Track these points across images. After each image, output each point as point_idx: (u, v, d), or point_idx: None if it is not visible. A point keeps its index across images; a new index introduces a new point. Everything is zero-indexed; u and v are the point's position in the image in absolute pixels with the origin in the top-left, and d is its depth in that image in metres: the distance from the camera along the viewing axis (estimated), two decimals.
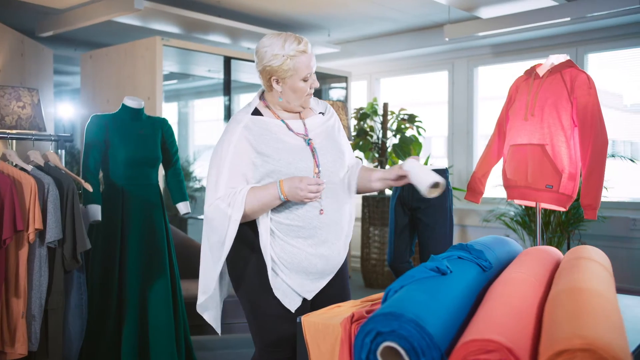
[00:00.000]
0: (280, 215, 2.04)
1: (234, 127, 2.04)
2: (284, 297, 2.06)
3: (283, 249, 2.04)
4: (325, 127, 2.16)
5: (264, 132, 2.03)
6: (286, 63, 2.00)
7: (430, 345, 1.20)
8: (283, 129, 2.07)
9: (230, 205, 1.95)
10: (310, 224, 2.04)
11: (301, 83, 2.04)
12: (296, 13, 5.41)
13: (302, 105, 2.11)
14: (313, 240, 2.05)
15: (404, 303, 1.30)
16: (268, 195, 1.97)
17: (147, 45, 4.95)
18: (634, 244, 4.98)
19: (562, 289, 1.50)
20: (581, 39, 5.30)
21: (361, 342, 1.26)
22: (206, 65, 6.26)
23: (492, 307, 1.36)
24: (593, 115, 2.83)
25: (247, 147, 2.01)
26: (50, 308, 2.71)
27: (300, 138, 2.07)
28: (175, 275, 3.26)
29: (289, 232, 2.04)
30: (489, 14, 4.93)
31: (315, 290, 2.10)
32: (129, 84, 5.08)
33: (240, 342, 4.21)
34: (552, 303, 1.41)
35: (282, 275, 2.04)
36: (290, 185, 1.95)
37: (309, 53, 2.02)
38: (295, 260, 2.04)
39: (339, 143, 2.16)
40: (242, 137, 2.01)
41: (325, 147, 2.09)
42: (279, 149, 2.01)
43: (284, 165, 2.00)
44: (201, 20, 5.05)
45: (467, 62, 6.10)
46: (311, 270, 2.06)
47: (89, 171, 3.03)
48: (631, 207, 5.13)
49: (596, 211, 2.84)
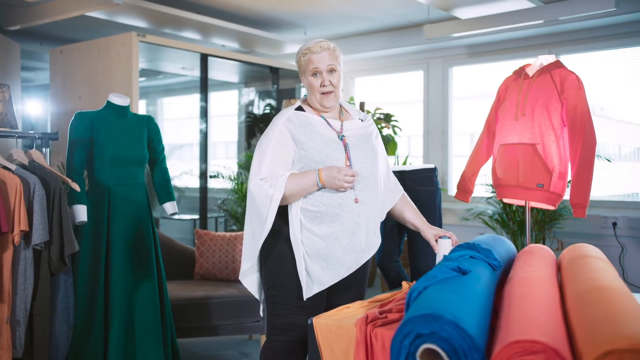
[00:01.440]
0: (309, 202, 2.16)
1: (278, 119, 2.25)
2: (304, 284, 2.14)
3: (306, 237, 2.15)
4: (362, 131, 2.32)
5: (303, 124, 2.23)
6: (301, 60, 2.28)
7: (471, 347, 1.18)
8: (322, 123, 2.25)
9: (272, 186, 2.12)
10: (334, 211, 2.15)
11: (311, 78, 2.25)
12: (273, 10, 5.36)
13: (320, 103, 2.26)
14: (334, 228, 2.15)
15: (439, 304, 1.28)
16: (307, 180, 2.13)
17: (122, 41, 4.82)
18: (605, 241, 5.10)
19: (585, 288, 1.50)
20: (554, 41, 5.41)
21: (399, 344, 1.24)
22: (179, 63, 6.15)
23: (524, 307, 1.36)
24: (582, 116, 2.88)
25: (288, 135, 2.20)
26: (36, 313, 2.61)
27: (335, 133, 2.24)
28: (162, 277, 3.18)
29: (313, 220, 2.16)
30: (466, 14, 4.97)
31: (332, 281, 2.16)
32: (103, 81, 4.95)
33: (226, 344, 4.15)
34: (579, 303, 1.41)
35: (305, 261, 2.15)
36: (328, 174, 2.12)
37: (317, 53, 2.24)
38: (316, 247, 2.14)
39: (374, 146, 2.31)
40: (283, 127, 2.21)
41: (358, 145, 2.25)
42: (314, 139, 2.19)
43: (316, 153, 2.17)
44: (176, 16, 4.95)
45: (442, 62, 6.15)
46: (331, 258, 2.15)
47: (74, 170, 2.92)
48: (603, 205, 5.25)
49: (585, 210, 2.89)
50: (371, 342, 1.73)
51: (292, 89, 6.80)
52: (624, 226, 5.06)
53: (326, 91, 2.24)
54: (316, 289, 2.15)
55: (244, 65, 6.26)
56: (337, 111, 2.34)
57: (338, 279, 2.17)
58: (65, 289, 2.70)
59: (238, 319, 3.60)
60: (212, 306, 3.54)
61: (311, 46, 2.24)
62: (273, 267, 2.21)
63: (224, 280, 3.93)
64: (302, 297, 2.15)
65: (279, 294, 2.19)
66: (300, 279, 2.13)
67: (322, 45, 2.24)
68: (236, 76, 6.97)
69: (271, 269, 2.22)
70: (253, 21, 5.71)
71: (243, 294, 3.62)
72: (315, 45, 2.24)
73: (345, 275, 2.18)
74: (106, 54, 4.93)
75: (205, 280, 3.97)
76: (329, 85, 2.24)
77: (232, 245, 3.93)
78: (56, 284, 2.68)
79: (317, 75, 2.24)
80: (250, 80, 7.00)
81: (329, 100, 2.26)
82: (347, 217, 2.16)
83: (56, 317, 2.68)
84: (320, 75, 2.23)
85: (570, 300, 1.50)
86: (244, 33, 5.58)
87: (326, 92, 2.24)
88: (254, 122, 6.68)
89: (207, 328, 3.57)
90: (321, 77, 2.23)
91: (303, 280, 2.13)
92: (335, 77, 2.25)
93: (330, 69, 2.24)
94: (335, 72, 2.26)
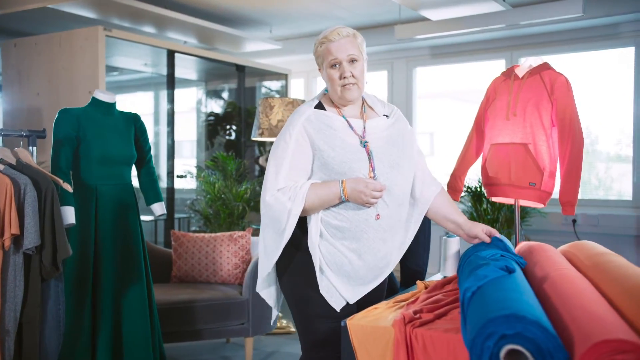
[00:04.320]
0: (331, 215, 2.00)
1: (297, 119, 2.04)
2: (330, 296, 2.00)
3: (328, 250, 2.00)
4: (388, 132, 2.09)
5: (324, 127, 2.02)
6: (318, 50, 2.06)
7: (557, 346, 1.19)
8: (344, 126, 2.04)
9: (291, 199, 1.94)
10: (359, 227, 1.98)
11: (330, 70, 2.03)
12: (238, 7, 5.26)
13: (341, 97, 2.04)
14: (359, 244, 1.99)
15: (514, 304, 1.28)
16: (329, 193, 1.95)
17: (86, 35, 4.62)
18: (565, 237, 5.29)
19: (630, 286, 1.53)
20: (517, 44, 5.56)
21: (481, 345, 1.23)
22: (141, 59, 5.95)
23: (588, 305, 1.37)
24: (572, 116, 2.96)
25: (307, 140, 2.01)
26: (26, 321, 2.46)
27: (357, 138, 2.03)
28: (150, 280, 3.06)
29: (336, 234, 2.00)
30: (434, 16, 5.03)
31: (357, 297, 2.03)
32: (65, 77, 4.72)
33: (205, 348, 4.04)
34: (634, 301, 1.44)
35: (328, 275, 2.00)
36: (354, 188, 1.93)
37: (335, 41, 2.01)
38: (338, 262, 2.00)
39: (402, 151, 2.09)
40: (302, 129, 2.01)
41: (383, 153, 2.03)
42: (335, 146, 1.99)
43: (337, 164, 1.97)
44: (130, 6, 4.71)
45: (406, 63, 6.22)
46: (353, 275, 2.01)
47: (60, 170, 2.77)
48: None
49: (574, 207, 2.97)
50: (411, 342, 1.71)
51: (253, 88, 6.71)
52: (583, 223, 5.26)
53: (347, 83, 2.01)
54: (343, 300, 2.01)
55: (205, 63, 6.12)
56: (359, 107, 2.12)
57: (358, 298, 2.03)
58: (56, 296, 2.55)
59: (223, 322, 3.51)
60: (196, 309, 3.44)
61: (328, 34, 2.02)
62: (295, 278, 2.05)
63: (204, 283, 3.83)
64: (331, 308, 2.00)
65: (309, 307, 2.02)
66: (322, 291, 1.98)
67: (341, 32, 2.01)
68: (196, 73, 6.81)
69: (294, 281, 2.05)
70: (216, 16, 5.58)
71: (228, 297, 3.54)
72: (332, 33, 2.01)
73: (365, 292, 2.05)
74: (68, 48, 4.71)
75: (184, 283, 3.85)
76: (350, 77, 2.00)
77: (211, 247, 3.83)
78: (46, 290, 2.52)
79: (336, 66, 2.02)
80: (211, 78, 6.86)
81: (352, 92, 2.02)
82: (372, 233, 1.99)
83: (46, 326, 2.53)
84: (340, 66, 2.01)
85: (617, 298, 1.52)
86: (203, 28, 5.38)
87: (347, 84, 2.01)
88: (216, 121, 6.56)
89: (191, 332, 3.46)
90: (341, 68, 2.00)
91: (328, 291, 1.99)
92: (357, 68, 2.02)
93: (351, 58, 2.01)
94: (357, 62, 2.02)
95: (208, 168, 5.48)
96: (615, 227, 5.14)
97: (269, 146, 6.37)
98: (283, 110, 4.25)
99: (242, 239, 3.84)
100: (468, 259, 1.91)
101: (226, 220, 4.90)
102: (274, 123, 4.24)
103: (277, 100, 4.26)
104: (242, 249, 3.82)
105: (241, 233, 3.86)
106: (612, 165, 5.61)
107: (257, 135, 4.31)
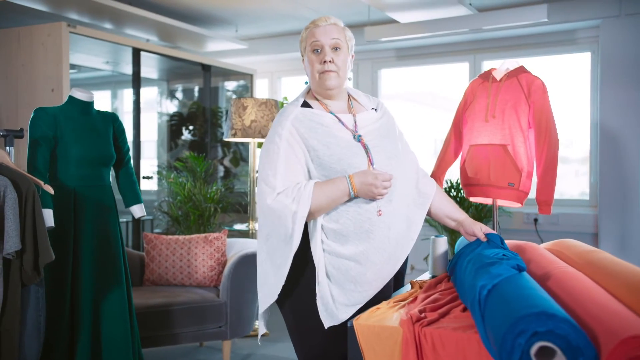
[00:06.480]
0: (331, 218, 1.89)
1: (284, 120, 1.93)
2: (324, 310, 1.87)
3: (329, 261, 1.89)
4: (379, 124, 2.02)
5: (315, 126, 1.91)
6: (302, 35, 2.01)
7: (586, 344, 1.22)
8: (334, 122, 1.94)
9: (295, 200, 1.80)
10: (363, 227, 1.88)
11: (311, 55, 1.95)
12: (203, 5, 5.19)
13: (319, 84, 1.95)
14: (364, 246, 1.88)
15: (540, 302, 1.31)
16: (337, 190, 1.83)
17: (49, 31, 4.46)
18: (527, 236, 5.44)
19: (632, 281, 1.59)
20: (481, 47, 5.68)
21: (512, 342, 1.25)
22: (102, 57, 5.78)
23: (602, 302, 1.41)
24: (548, 118, 3.05)
25: (299, 140, 1.90)
26: (4, 329, 2.35)
27: (349, 133, 1.94)
28: (129, 284, 2.98)
29: (339, 239, 1.88)
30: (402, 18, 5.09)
31: (363, 302, 1.92)
32: (23, 74, 4.55)
33: (178, 353, 3.96)
34: None
35: (329, 287, 1.88)
36: (362, 181, 1.83)
37: (321, 26, 1.95)
38: (343, 269, 1.88)
39: (395, 142, 2.03)
40: (292, 129, 1.90)
41: (378, 145, 1.96)
42: (330, 144, 1.89)
43: (335, 161, 1.87)
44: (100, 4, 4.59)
45: (372, 65, 6.27)
46: (359, 280, 1.89)
47: (37, 171, 2.66)
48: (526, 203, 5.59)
49: (551, 206, 3.06)
50: (420, 341, 1.72)
51: (217, 88, 6.63)
52: (544, 222, 5.43)
53: (326, 69, 1.89)
54: (342, 315, 1.87)
55: (167, 62, 6.00)
56: (346, 102, 2.03)
57: (364, 302, 1.92)
58: (37, 302, 2.44)
59: (201, 325, 3.45)
60: (173, 313, 3.37)
61: (316, 19, 1.96)
62: (297, 289, 1.91)
63: (178, 286, 3.75)
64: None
65: (311, 321, 1.89)
66: (318, 302, 1.86)
67: (329, 19, 1.94)
68: (157, 72, 6.68)
69: (294, 292, 1.91)
70: (179, 14, 5.48)
71: (205, 299, 3.48)
72: (320, 19, 1.94)
73: (372, 295, 1.94)
74: (28, 44, 4.54)
75: (157, 286, 3.77)
76: (330, 63, 1.89)
77: (186, 249, 3.76)
78: (26, 296, 2.42)
79: (317, 51, 1.91)
80: (173, 77, 6.74)
81: (330, 80, 1.90)
82: (378, 232, 1.87)
83: (25, 334, 2.42)
84: (322, 51, 1.90)
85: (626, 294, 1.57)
86: (166, 25, 5.26)
87: (326, 70, 1.89)
88: (180, 121, 6.44)
89: (169, 336, 3.39)
90: (322, 53, 1.90)
91: (325, 306, 1.86)
92: (340, 57, 1.91)
93: (335, 45, 1.91)
94: (340, 50, 1.92)
95: (176, 169, 5.37)
96: (574, 225, 5.33)
97: (233, 147, 6.31)
98: (256, 110, 4.22)
99: (218, 241, 3.78)
100: (469, 258, 1.93)
101: (196, 222, 4.82)
102: (247, 124, 4.20)
103: (250, 100, 4.23)
104: (218, 251, 3.76)
105: (216, 235, 3.81)
106: (570, 165, 5.80)
107: (229, 135, 4.26)
